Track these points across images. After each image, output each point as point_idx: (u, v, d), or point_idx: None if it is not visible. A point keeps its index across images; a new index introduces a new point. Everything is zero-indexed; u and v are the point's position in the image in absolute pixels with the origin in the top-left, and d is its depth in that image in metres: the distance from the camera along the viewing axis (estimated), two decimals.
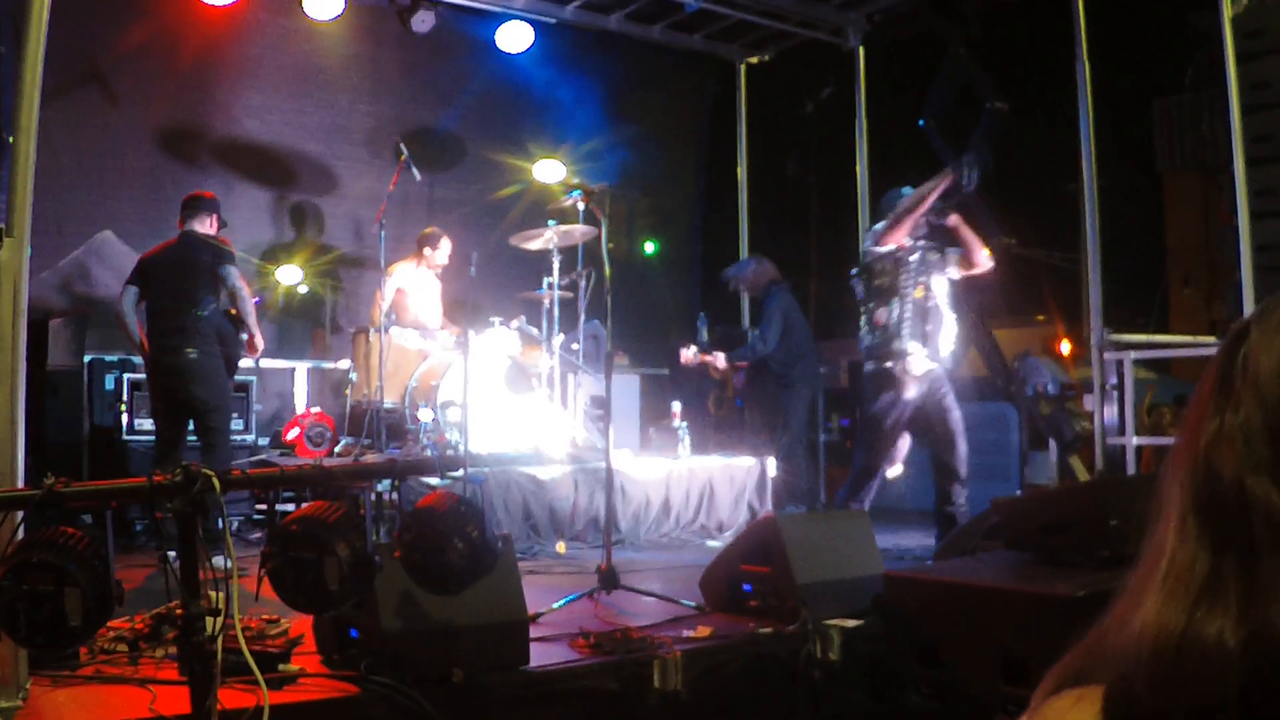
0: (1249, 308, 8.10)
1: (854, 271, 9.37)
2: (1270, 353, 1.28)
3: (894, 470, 9.50)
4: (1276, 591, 1.19)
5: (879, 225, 9.21)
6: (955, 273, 9.23)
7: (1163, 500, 1.35)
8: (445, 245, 11.53)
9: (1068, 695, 1.34)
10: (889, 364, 8.97)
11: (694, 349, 11.45)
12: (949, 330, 9.09)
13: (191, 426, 8.74)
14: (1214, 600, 1.23)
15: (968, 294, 9.92)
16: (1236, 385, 1.29)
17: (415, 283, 11.52)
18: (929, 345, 8.97)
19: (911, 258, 9.03)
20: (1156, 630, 1.26)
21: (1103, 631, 1.35)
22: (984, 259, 9.21)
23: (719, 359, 11.48)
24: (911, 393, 8.95)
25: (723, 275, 12.41)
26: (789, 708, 5.83)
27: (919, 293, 8.98)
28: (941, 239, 9.22)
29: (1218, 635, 1.20)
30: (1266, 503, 1.22)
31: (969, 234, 9.14)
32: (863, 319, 9.24)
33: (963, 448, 9.10)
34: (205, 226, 8.91)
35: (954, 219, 9.07)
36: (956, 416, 9.10)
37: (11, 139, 5.00)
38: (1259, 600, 1.20)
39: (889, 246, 9.00)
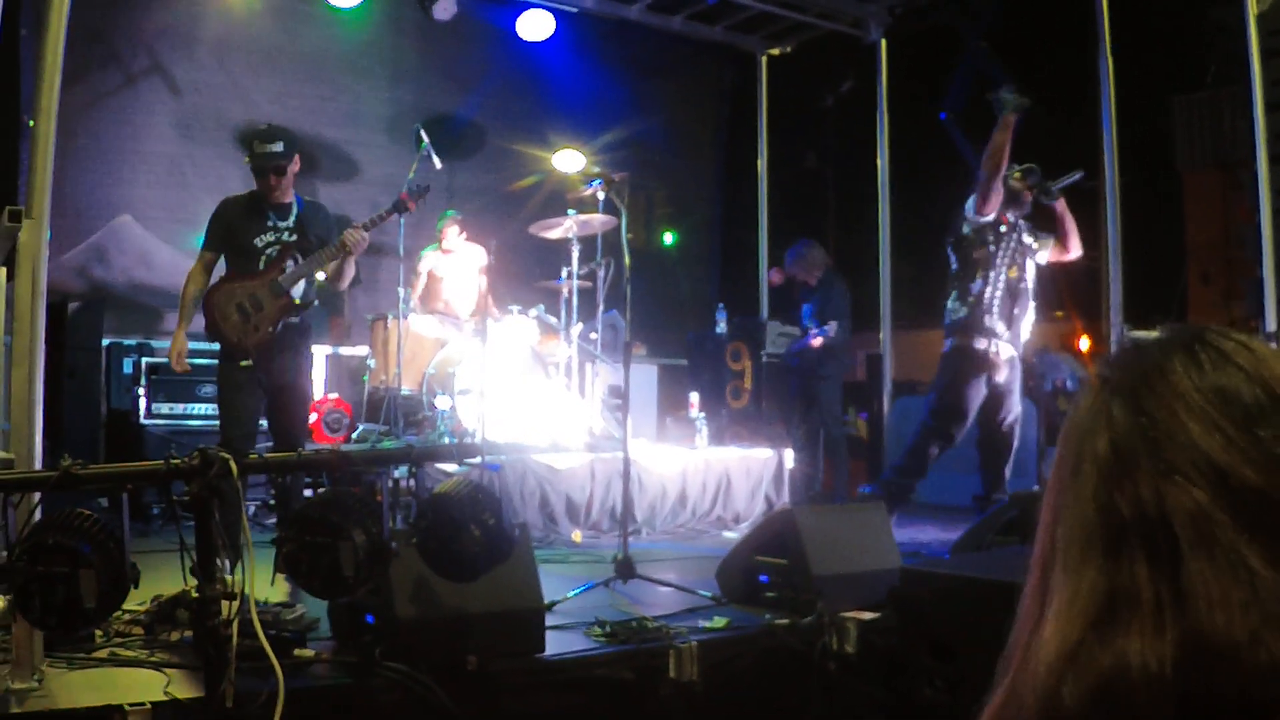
0: (1270, 305, 8.07)
1: (949, 240, 9.08)
2: (1145, 381, 1.31)
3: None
4: (1206, 592, 1.17)
5: (973, 197, 8.93)
6: (1045, 257, 9.04)
7: (1046, 565, 1.35)
8: (450, 231, 11.52)
9: None
10: (980, 343, 8.75)
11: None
12: (1030, 316, 8.95)
13: None
14: (1129, 619, 1.20)
15: None
16: (1113, 413, 1.31)
17: (442, 267, 11.52)
18: (1013, 329, 8.81)
19: (1012, 234, 8.85)
20: (1057, 656, 1.24)
21: (1015, 677, 1.34)
22: (1077, 247, 9.05)
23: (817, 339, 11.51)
24: (1002, 376, 8.79)
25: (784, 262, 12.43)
26: (803, 699, 5.82)
27: (1012, 272, 8.80)
28: (1038, 222, 9.06)
29: (1139, 651, 1.18)
30: (1185, 501, 1.21)
31: (1070, 221, 8.97)
32: (953, 292, 8.97)
33: (1017, 440, 9.03)
34: None
35: (1061, 204, 8.90)
36: (1020, 408, 9.02)
37: (32, 122, 5.00)
38: (1186, 606, 1.18)
39: (989, 216, 8.77)
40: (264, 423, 7.67)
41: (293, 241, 7.60)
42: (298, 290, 7.56)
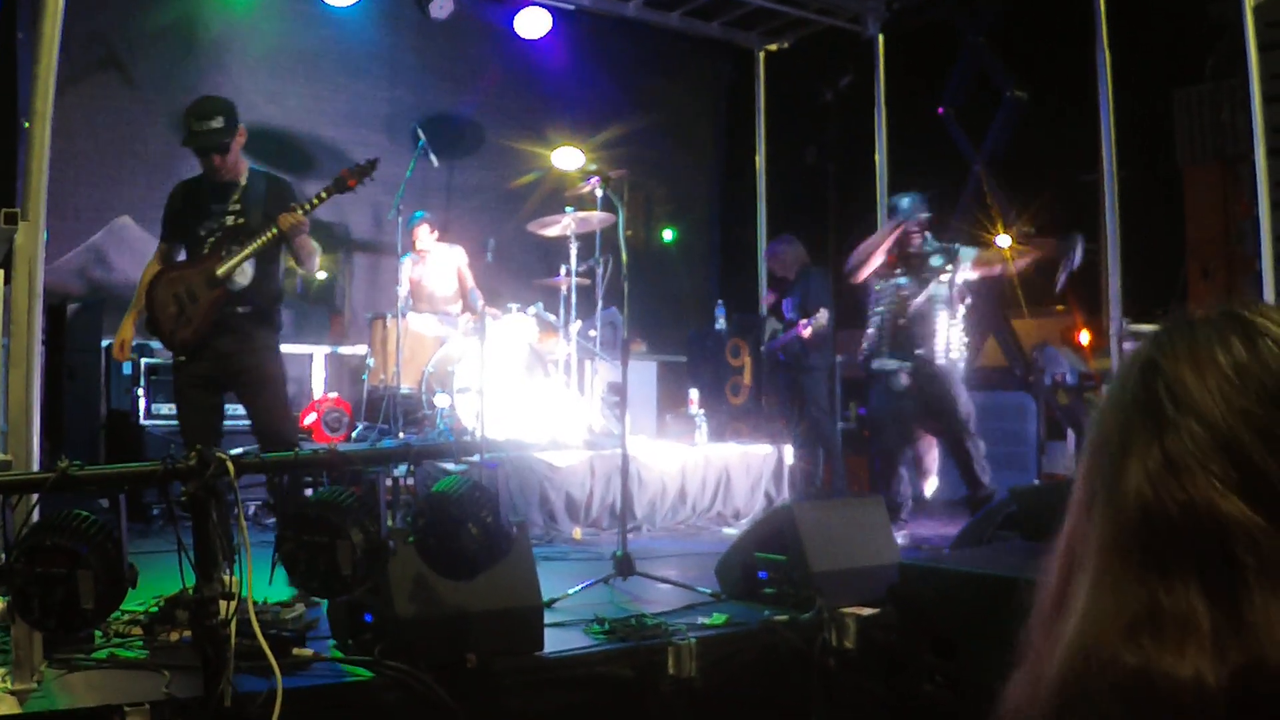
0: (1269, 300, 8.06)
1: None
2: (1199, 374, 1.24)
3: (928, 484, 9.80)
4: (1273, 622, 1.13)
5: (849, 263, 9.79)
6: (969, 273, 9.63)
7: (1077, 531, 1.31)
8: (420, 232, 11.53)
9: None
10: (876, 367, 9.67)
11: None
12: (944, 332, 9.43)
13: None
14: (1181, 639, 1.15)
15: (985, 286, 9.95)
16: (1168, 413, 1.23)
17: (419, 271, 11.52)
18: (924, 347, 9.41)
19: (878, 287, 9.69)
20: (1118, 678, 1.18)
21: (1032, 671, 1.32)
22: (999, 264, 9.59)
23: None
24: (915, 392, 9.47)
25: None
26: (803, 695, 5.82)
27: (902, 313, 9.51)
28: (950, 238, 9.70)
29: (1194, 676, 1.13)
30: (1245, 523, 1.16)
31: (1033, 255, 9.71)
32: None
33: (972, 439, 9.26)
34: None
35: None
36: (962, 406, 9.33)
37: (27, 124, 5.00)
38: (1249, 633, 1.13)
39: (859, 280, 9.71)
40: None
41: (233, 225, 6.99)
42: (242, 278, 6.93)
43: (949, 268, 9.43)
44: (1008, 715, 1.34)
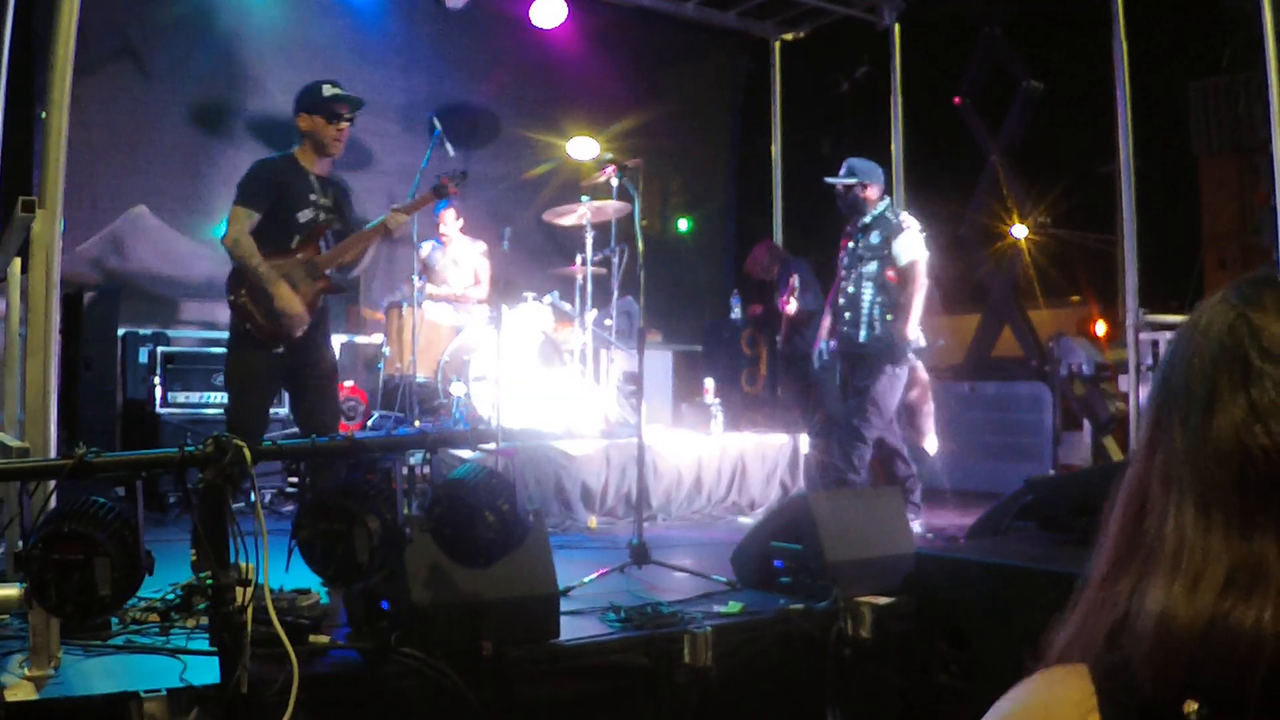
0: None
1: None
2: None
3: (928, 441, 9.67)
4: None
5: None
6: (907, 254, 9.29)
7: (1149, 489, 1.33)
8: (447, 215, 11.50)
9: (1056, 670, 1.33)
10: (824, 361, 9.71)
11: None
12: (869, 310, 9.14)
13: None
14: (1250, 586, 1.19)
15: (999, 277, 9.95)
16: (1255, 363, 1.25)
17: (439, 255, 11.50)
18: (845, 335, 9.22)
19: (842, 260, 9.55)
20: (1179, 617, 1.22)
21: (1089, 614, 1.33)
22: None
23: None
24: (830, 376, 9.67)
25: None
26: (819, 685, 5.82)
27: (837, 288, 9.46)
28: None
29: (1255, 621, 1.17)
30: None
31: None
32: None
33: (864, 411, 9.10)
34: None
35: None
36: (874, 394, 9.04)
37: (44, 114, 5.01)
38: None
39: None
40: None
41: (329, 220, 7.00)
42: (333, 273, 6.98)
43: (886, 245, 9.16)
44: (1053, 656, 1.36)
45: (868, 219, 9.26)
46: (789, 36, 14.51)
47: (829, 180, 9.30)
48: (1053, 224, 20.03)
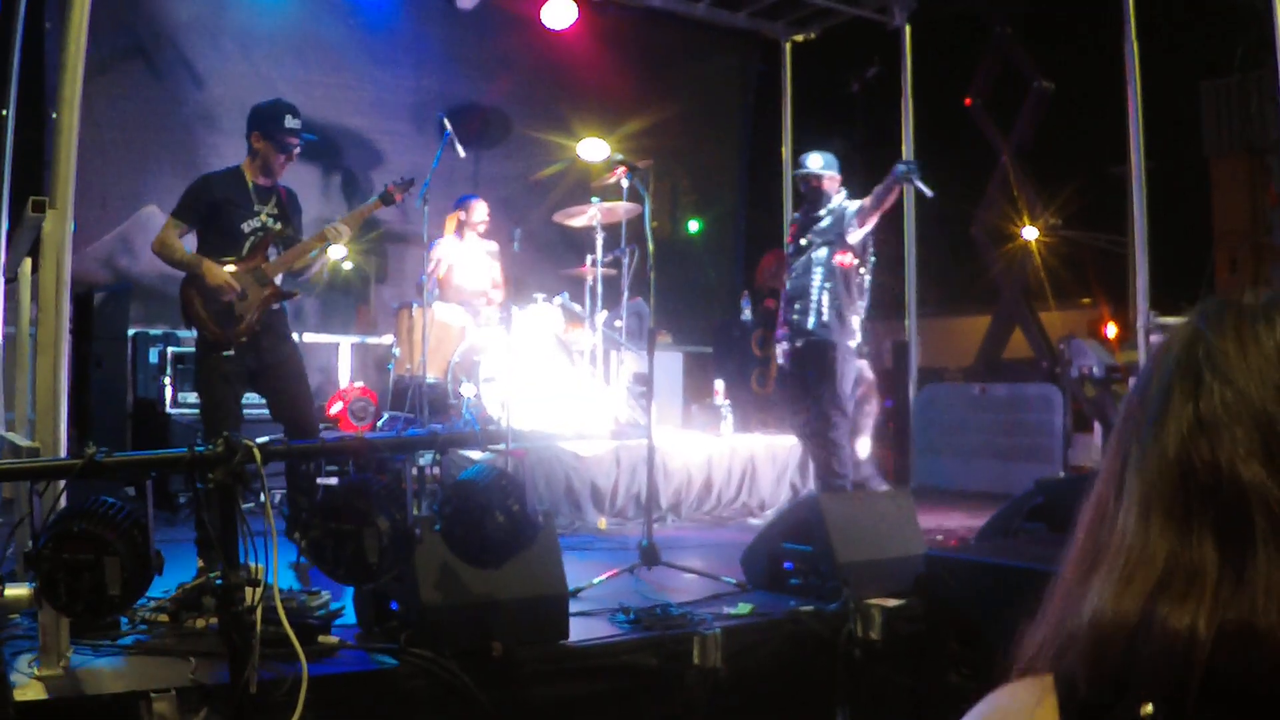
0: None
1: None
2: (1240, 348, 1.30)
3: (860, 444, 9.61)
4: (1272, 583, 1.19)
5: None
6: (856, 231, 9.18)
7: (1106, 489, 1.37)
8: (480, 207, 11.47)
9: (1021, 682, 1.36)
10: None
11: None
12: (817, 297, 9.07)
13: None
14: (1185, 591, 1.22)
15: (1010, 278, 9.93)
16: (1205, 378, 1.29)
17: (457, 253, 11.48)
18: (794, 323, 9.15)
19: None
20: (1109, 619, 1.26)
21: (1055, 621, 1.36)
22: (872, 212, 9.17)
23: None
24: (790, 375, 9.39)
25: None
26: (829, 686, 5.82)
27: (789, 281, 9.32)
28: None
29: (1189, 625, 1.20)
30: (1263, 490, 1.22)
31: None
32: None
33: (827, 416, 9.04)
34: None
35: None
36: (832, 394, 8.99)
37: (55, 114, 5.02)
38: (1247, 591, 1.20)
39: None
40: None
41: (276, 229, 7.24)
42: (279, 279, 7.22)
43: (834, 230, 9.11)
44: (1020, 665, 1.38)
45: (823, 209, 9.22)
46: (799, 37, 14.52)
47: (801, 172, 9.25)
48: (1063, 225, 20.04)
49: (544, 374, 10.17)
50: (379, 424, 10.68)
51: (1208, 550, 1.23)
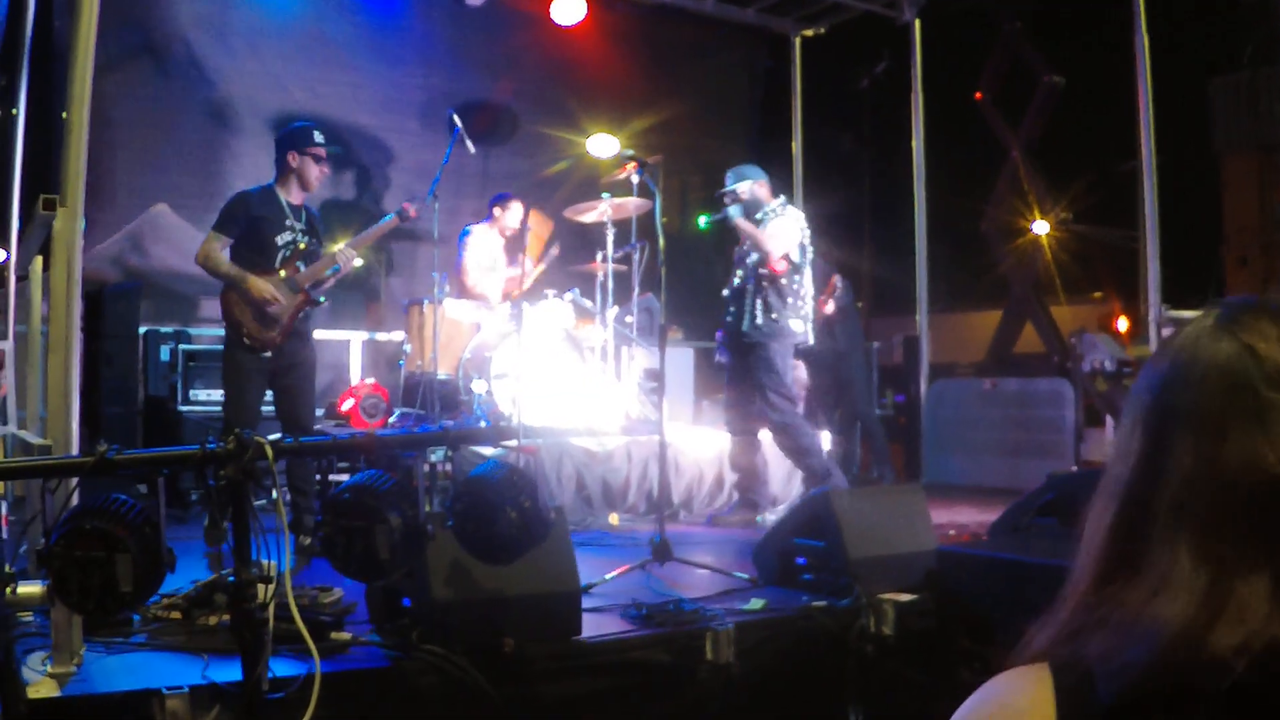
0: None
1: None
2: None
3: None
4: None
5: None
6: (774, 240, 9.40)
7: (1149, 506, 1.34)
8: (516, 208, 11.47)
9: (1017, 670, 1.36)
10: None
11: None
12: (749, 301, 9.28)
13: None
14: (1241, 614, 1.21)
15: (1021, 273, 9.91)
16: (1264, 393, 1.27)
17: (484, 248, 11.48)
18: (729, 325, 9.43)
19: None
20: (1162, 630, 1.24)
21: (1069, 620, 1.35)
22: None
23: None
24: (729, 378, 9.61)
25: None
26: (840, 682, 5.81)
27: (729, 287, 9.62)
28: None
29: (1230, 647, 1.19)
30: None
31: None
32: None
33: (771, 403, 9.16)
34: None
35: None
36: (764, 380, 9.14)
37: (65, 113, 5.02)
38: None
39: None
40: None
41: (305, 244, 7.96)
42: (309, 288, 7.93)
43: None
44: (1027, 656, 1.39)
45: (759, 215, 9.39)
46: (809, 32, 14.52)
47: (723, 192, 9.40)
48: (1074, 220, 20.01)
49: (555, 370, 10.17)
50: (390, 420, 10.68)
51: (1262, 576, 1.22)
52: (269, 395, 8.07)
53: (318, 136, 7.98)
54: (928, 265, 13.40)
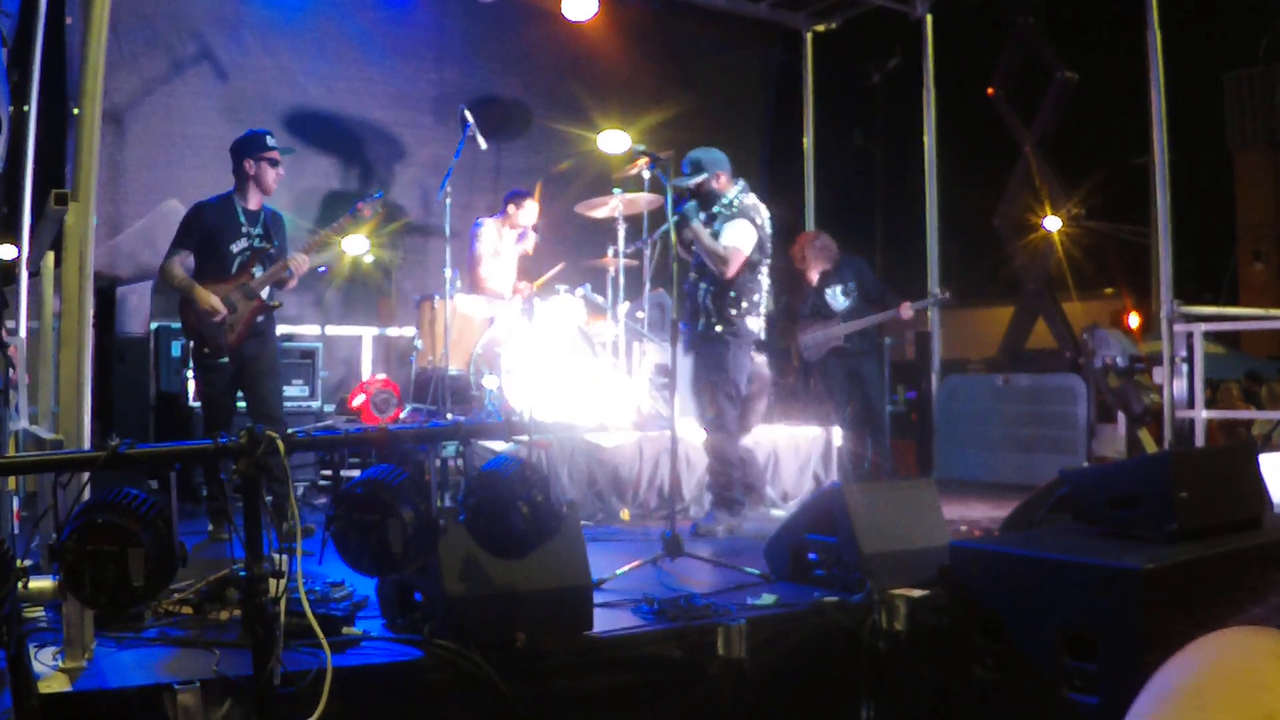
0: None
1: None
2: None
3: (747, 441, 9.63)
4: None
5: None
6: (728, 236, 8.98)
7: None
8: (530, 205, 11.50)
9: (1241, 629, 1.32)
10: None
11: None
12: (696, 304, 8.93)
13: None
14: None
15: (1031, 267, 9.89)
16: None
17: (496, 243, 11.49)
18: (685, 323, 8.98)
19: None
20: None
21: None
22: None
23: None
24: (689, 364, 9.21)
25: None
26: (852, 677, 5.81)
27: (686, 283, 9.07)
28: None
29: None
30: None
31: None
32: None
33: (715, 404, 8.92)
34: None
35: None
36: (716, 379, 8.87)
37: (76, 109, 5.02)
38: None
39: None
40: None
41: (262, 248, 8.32)
42: (265, 293, 8.32)
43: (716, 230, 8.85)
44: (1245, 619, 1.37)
45: (716, 208, 8.91)
46: (821, 28, 14.51)
47: (677, 183, 9.01)
48: (1086, 216, 19.98)
49: (566, 366, 10.16)
50: (401, 415, 10.69)
51: None
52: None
53: (270, 141, 8.35)
54: (939, 261, 13.39)
